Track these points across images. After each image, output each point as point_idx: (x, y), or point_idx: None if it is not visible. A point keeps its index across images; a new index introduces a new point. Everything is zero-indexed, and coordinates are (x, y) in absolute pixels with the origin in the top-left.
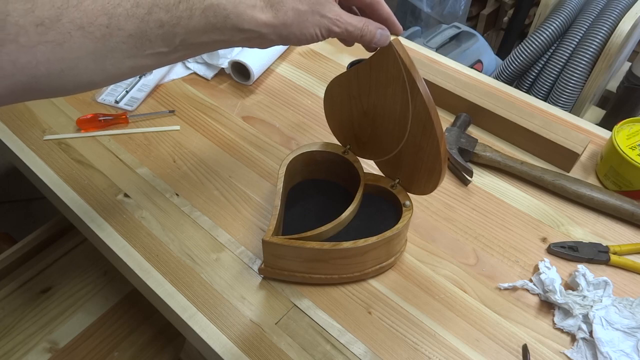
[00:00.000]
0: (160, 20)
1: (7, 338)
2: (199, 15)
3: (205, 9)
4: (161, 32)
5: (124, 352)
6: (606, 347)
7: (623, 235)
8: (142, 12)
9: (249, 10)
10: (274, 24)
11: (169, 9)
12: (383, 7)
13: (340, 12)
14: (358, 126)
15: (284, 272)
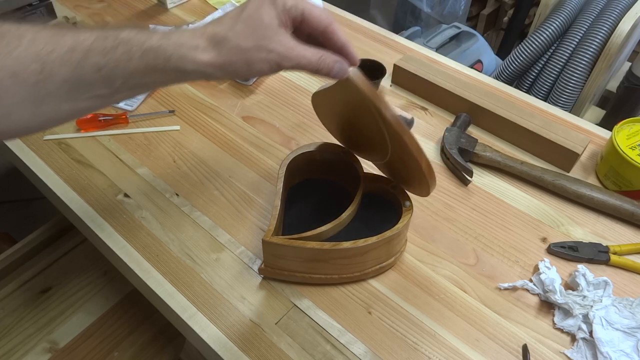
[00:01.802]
0: (97, 64)
1: (7, 338)
2: (139, 58)
3: (144, 52)
4: (99, 76)
5: (124, 352)
6: (606, 347)
7: (623, 235)
8: (77, 57)
9: (191, 52)
10: (218, 64)
11: (106, 53)
12: (337, 36)
13: (291, 45)
14: (349, 132)
15: (284, 272)
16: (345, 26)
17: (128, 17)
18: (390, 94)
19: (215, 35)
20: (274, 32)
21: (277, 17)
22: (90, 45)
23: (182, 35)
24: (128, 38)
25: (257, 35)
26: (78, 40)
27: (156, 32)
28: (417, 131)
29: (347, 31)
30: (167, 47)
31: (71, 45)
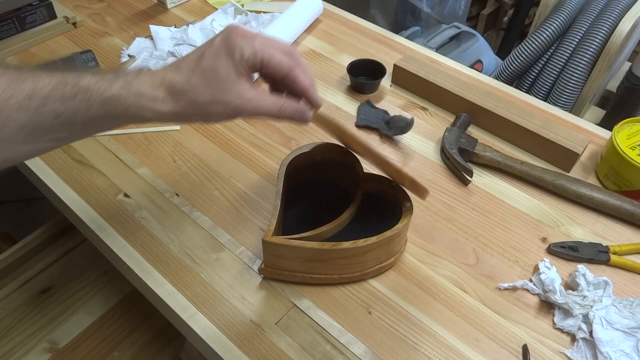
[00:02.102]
0: (56, 111)
1: (7, 338)
2: (98, 106)
3: (104, 101)
4: (58, 122)
5: (124, 352)
6: (606, 347)
7: (623, 235)
8: (35, 104)
9: (150, 103)
10: (176, 114)
11: (65, 100)
12: (298, 82)
13: (249, 97)
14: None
15: (284, 272)
16: (345, 26)
17: (128, 17)
18: (390, 94)
19: (173, 87)
20: (231, 85)
21: (234, 69)
22: (49, 93)
23: (142, 85)
24: (88, 86)
25: (213, 89)
26: (37, 87)
27: (117, 78)
28: (417, 131)
29: (347, 31)
30: (126, 97)
31: (29, 92)
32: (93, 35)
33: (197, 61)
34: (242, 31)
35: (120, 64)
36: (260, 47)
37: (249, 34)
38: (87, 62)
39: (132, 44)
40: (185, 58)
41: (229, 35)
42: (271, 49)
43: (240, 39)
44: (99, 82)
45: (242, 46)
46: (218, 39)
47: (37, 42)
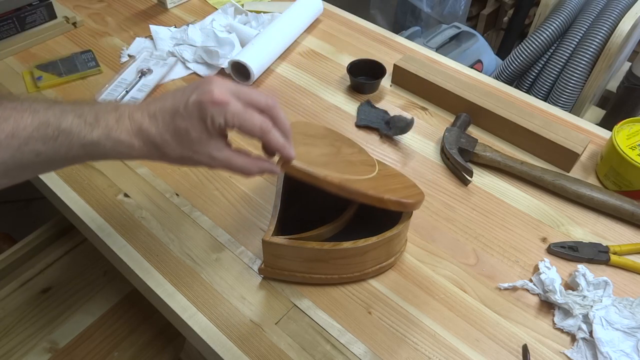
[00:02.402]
0: (37, 150)
1: (7, 338)
2: (78, 148)
3: (84, 145)
4: (38, 160)
5: (124, 352)
6: (606, 347)
7: (623, 235)
8: (17, 143)
9: (126, 149)
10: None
11: (46, 141)
12: (272, 143)
13: (219, 157)
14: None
15: (284, 272)
16: (345, 26)
17: (128, 17)
18: (390, 94)
19: (148, 138)
20: (202, 146)
21: (205, 132)
22: (31, 133)
23: (121, 133)
24: (70, 129)
25: (184, 148)
26: (19, 127)
27: (98, 123)
28: (417, 131)
29: (347, 31)
30: (105, 144)
31: (11, 131)
32: (93, 35)
33: (172, 118)
34: (216, 96)
35: (121, 63)
36: (232, 116)
37: (222, 100)
38: (87, 62)
39: (132, 44)
40: (162, 106)
41: (202, 101)
42: (244, 114)
43: (213, 108)
44: (80, 125)
45: (214, 115)
46: (192, 100)
47: (37, 42)
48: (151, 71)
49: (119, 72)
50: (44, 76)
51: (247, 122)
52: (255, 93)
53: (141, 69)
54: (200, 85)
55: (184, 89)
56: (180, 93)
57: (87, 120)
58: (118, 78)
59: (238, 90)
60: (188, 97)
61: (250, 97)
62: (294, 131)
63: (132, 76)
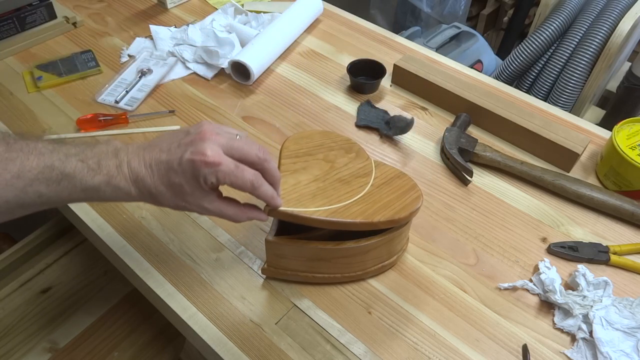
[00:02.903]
0: (40, 192)
1: (7, 338)
2: (79, 192)
3: (85, 189)
4: (40, 201)
5: (124, 352)
6: (606, 347)
7: (623, 235)
8: (21, 184)
9: (124, 196)
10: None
11: (49, 184)
12: (262, 196)
13: (210, 208)
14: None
15: (287, 272)
16: (345, 26)
17: (128, 17)
18: (390, 94)
19: (144, 187)
20: (195, 198)
21: (198, 188)
22: (36, 175)
23: (120, 180)
24: (73, 174)
25: (177, 200)
26: (25, 168)
27: (100, 169)
28: (417, 131)
29: (347, 31)
30: (105, 190)
31: (17, 172)
32: (93, 35)
33: (167, 172)
34: (209, 158)
35: (121, 63)
36: (223, 175)
37: (214, 161)
38: (87, 62)
39: (132, 44)
40: (158, 159)
41: (195, 161)
42: (236, 173)
43: (205, 168)
44: (83, 171)
45: (207, 175)
46: (186, 158)
47: (37, 42)
48: (151, 71)
49: (119, 72)
50: (44, 76)
51: (238, 179)
52: (246, 146)
53: (141, 69)
54: (194, 142)
55: (178, 139)
56: (175, 145)
57: (90, 165)
58: (118, 78)
59: (230, 146)
60: (182, 153)
61: (241, 152)
62: (286, 153)
63: (132, 76)
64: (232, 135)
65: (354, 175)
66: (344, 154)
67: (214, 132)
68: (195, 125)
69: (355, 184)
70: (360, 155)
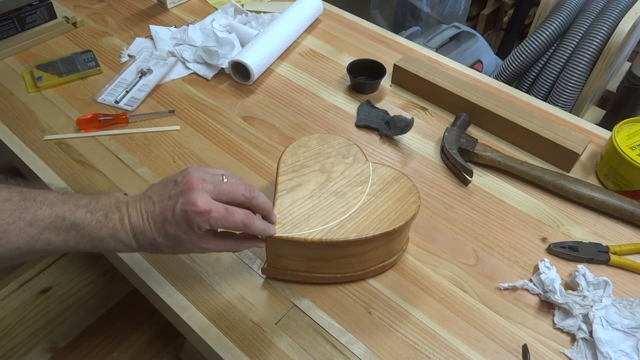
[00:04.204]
0: (49, 239)
1: (7, 338)
2: (86, 242)
3: (92, 240)
4: (48, 248)
5: (124, 352)
6: (606, 347)
7: (623, 235)
8: (33, 231)
9: (125, 248)
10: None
11: (59, 233)
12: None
13: (208, 247)
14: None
15: (287, 272)
16: (345, 26)
17: (128, 17)
18: (390, 94)
19: (145, 239)
20: (191, 243)
21: (194, 234)
22: (48, 225)
23: (123, 234)
24: (82, 225)
25: (175, 248)
26: (37, 217)
27: (107, 222)
28: (417, 131)
29: (347, 31)
30: (109, 242)
31: (30, 220)
32: (93, 35)
33: (162, 224)
34: (199, 207)
35: (121, 63)
36: (215, 221)
37: (204, 209)
38: (87, 62)
39: (132, 44)
40: (153, 212)
41: (187, 211)
42: (226, 216)
43: (198, 217)
44: (91, 223)
45: (199, 223)
46: (178, 210)
47: (37, 42)
48: (151, 71)
49: (119, 72)
50: (44, 76)
51: (230, 222)
52: (232, 188)
53: (141, 69)
54: (184, 192)
55: (169, 190)
56: (167, 197)
57: (98, 218)
58: (118, 78)
59: (218, 191)
60: (174, 205)
61: (229, 195)
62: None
63: (132, 76)
64: (218, 178)
65: (350, 185)
66: (341, 159)
67: (200, 178)
68: (182, 173)
69: (351, 195)
70: (358, 159)
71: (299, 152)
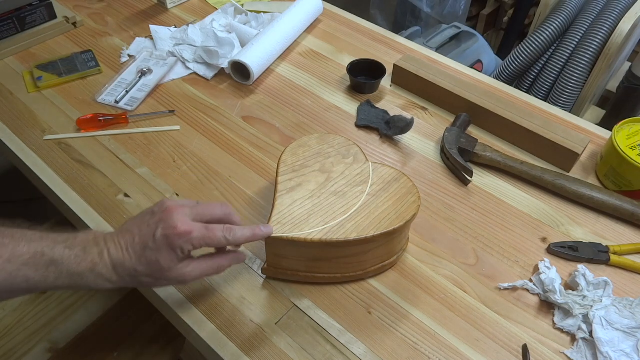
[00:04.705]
0: (27, 276)
1: (7, 338)
2: (64, 278)
3: (70, 275)
4: (26, 285)
5: (124, 352)
6: (606, 347)
7: (623, 235)
8: (11, 268)
9: (105, 283)
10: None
11: (38, 269)
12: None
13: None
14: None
15: (287, 272)
16: (345, 26)
17: (128, 17)
18: (390, 94)
19: (124, 271)
20: (171, 271)
21: (176, 259)
22: (26, 261)
23: (102, 268)
24: (61, 260)
25: (156, 275)
26: (15, 254)
27: (85, 256)
28: (417, 131)
29: (347, 31)
30: (88, 277)
31: (8, 257)
32: (93, 35)
33: (143, 251)
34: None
35: (121, 63)
36: (197, 241)
37: (185, 230)
38: (87, 62)
39: (132, 44)
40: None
41: (168, 235)
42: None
43: (180, 240)
44: (70, 257)
45: (182, 245)
46: (159, 235)
47: (37, 42)
48: (151, 71)
49: (119, 72)
50: (44, 76)
51: (212, 240)
52: (209, 208)
53: (141, 69)
54: (163, 219)
55: (146, 220)
56: (146, 226)
57: (76, 252)
58: (118, 78)
59: (196, 212)
60: (154, 231)
61: (207, 213)
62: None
63: (132, 76)
64: (193, 203)
65: (350, 185)
66: (340, 159)
67: (177, 205)
68: (158, 204)
69: (351, 195)
70: (358, 159)
71: (299, 152)
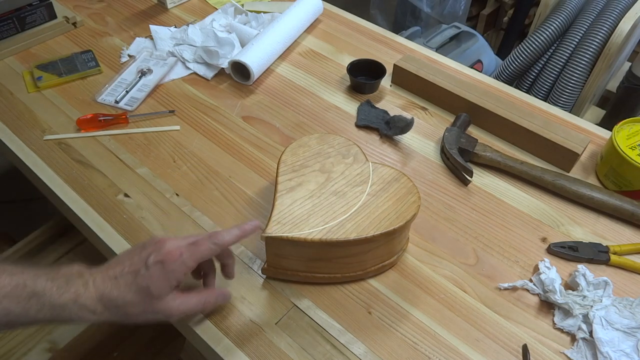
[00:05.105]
0: (8, 309)
1: (7, 338)
2: (46, 310)
3: (53, 307)
4: (6, 319)
5: (124, 352)
6: (606, 347)
7: (623, 235)
8: None
9: (89, 315)
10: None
11: (20, 301)
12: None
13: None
14: None
15: (287, 272)
16: (345, 26)
17: (128, 17)
18: (390, 94)
19: (110, 302)
20: (161, 300)
21: (168, 287)
22: (7, 293)
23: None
24: (43, 292)
25: (145, 304)
26: None
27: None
28: (417, 131)
29: (347, 31)
30: (71, 308)
31: None
32: (93, 35)
33: (134, 278)
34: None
35: (121, 63)
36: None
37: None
38: (87, 62)
39: (132, 44)
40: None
41: (162, 260)
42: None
43: (173, 262)
44: (52, 289)
45: (175, 269)
46: (152, 261)
47: (37, 42)
48: (151, 71)
49: (119, 72)
50: (44, 76)
51: (202, 252)
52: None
53: (141, 69)
54: (155, 249)
55: (138, 252)
56: (137, 258)
57: (59, 284)
58: (118, 78)
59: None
60: (146, 260)
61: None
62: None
63: (132, 76)
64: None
65: (350, 185)
66: (341, 159)
67: (168, 237)
68: (149, 240)
69: (351, 195)
70: (358, 159)
71: (299, 152)
